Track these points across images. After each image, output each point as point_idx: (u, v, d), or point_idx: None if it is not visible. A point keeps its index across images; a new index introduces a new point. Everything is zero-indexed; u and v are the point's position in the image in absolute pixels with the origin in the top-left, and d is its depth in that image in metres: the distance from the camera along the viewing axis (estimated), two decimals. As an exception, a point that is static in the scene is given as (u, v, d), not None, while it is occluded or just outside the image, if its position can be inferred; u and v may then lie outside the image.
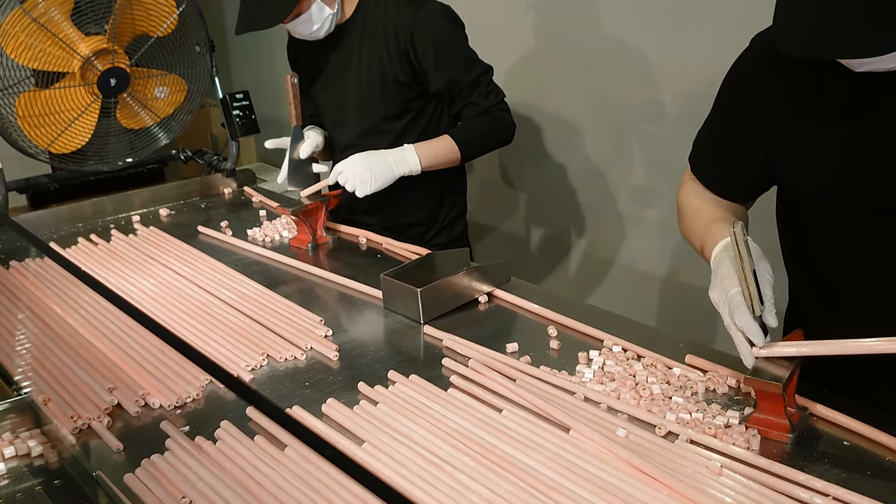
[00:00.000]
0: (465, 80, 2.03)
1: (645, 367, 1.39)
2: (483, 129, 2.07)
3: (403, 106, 2.07)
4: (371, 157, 1.94)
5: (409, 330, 1.62)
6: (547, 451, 1.18)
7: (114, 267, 1.98)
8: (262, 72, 4.34)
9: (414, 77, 2.04)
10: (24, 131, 2.33)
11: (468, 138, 2.05)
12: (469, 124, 2.08)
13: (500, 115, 2.08)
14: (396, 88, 2.04)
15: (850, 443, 1.18)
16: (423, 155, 1.98)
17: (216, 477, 1.18)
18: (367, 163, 1.92)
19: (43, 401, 1.37)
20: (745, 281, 1.18)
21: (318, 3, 1.96)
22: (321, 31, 2.02)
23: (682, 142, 2.55)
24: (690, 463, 1.15)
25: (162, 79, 2.50)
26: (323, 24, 2.00)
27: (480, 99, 2.05)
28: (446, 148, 2.01)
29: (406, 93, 2.05)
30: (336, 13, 2.01)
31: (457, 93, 2.05)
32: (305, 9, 1.94)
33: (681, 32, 2.37)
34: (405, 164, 1.96)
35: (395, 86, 2.04)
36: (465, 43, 2.06)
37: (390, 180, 1.95)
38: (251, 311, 1.70)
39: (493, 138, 2.10)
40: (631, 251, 2.74)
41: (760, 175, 1.37)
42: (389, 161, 1.95)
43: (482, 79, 2.05)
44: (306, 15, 1.95)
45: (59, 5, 2.25)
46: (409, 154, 1.97)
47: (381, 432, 1.26)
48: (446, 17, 2.03)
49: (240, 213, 2.40)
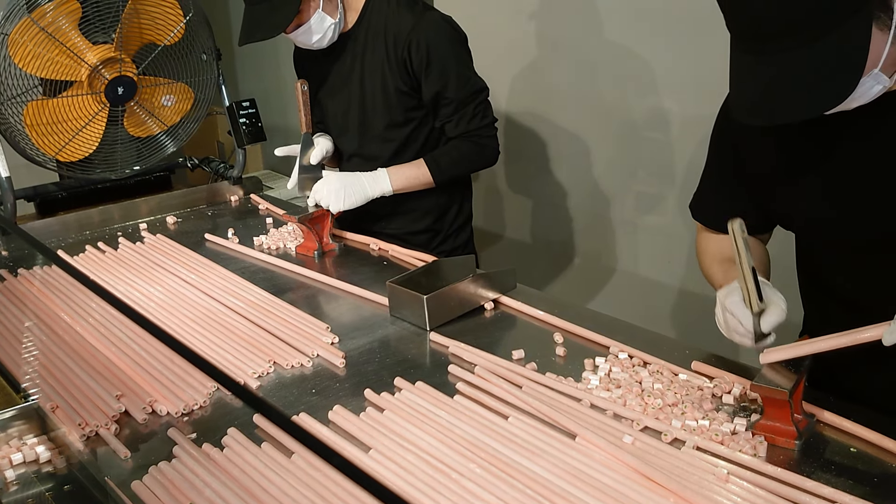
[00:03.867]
0: (453, 96, 2.01)
1: (651, 373, 1.39)
2: (459, 155, 2.08)
3: (405, 115, 2.07)
4: (347, 177, 2.03)
5: (415, 337, 1.62)
6: (553, 458, 1.18)
7: (121, 274, 1.99)
8: (268, 80, 4.36)
9: (412, 86, 2.04)
10: (32, 140, 2.34)
11: (442, 165, 2.07)
12: (446, 149, 2.09)
13: (481, 140, 2.06)
14: (398, 97, 2.05)
15: (858, 449, 1.18)
16: (394, 178, 2.05)
17: (223, 484, 1.18)
18: (343, 181, 2.02)
19: (51, 408, 1.38)
20: (744, 276, 1.18)
21: (319, 13, 1.97)
22: (323, 40, 2.03)
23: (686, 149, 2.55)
24: (697, 470, 1.15)
25: (169, 87, 2.51)
26: (325, 34, 2.01)
27: (465, 120, 2.04)
28: (418, 172, 2.06)
29: (407, 101, 2.06)
30: (338, 23, 2.02)
31: (442, 107, 2.04)
32: (306, 19, 1.96)
33: (685, 39, 2.37)
34: (377, 186, 2.04)
35: (397, 94, 2.04)
36: (461, 58, 2.04)
37: (363, 200, 2.04)
38: (258, 318, 1.71)
39: (468, 165, 2.12)
40: (636, 258, 2.74)
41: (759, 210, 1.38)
42: (363, 182, 2.03)
43: (471, 99, 2.03)
44: (307, 25, 1.97)
45: (66, 14, 2.26)
46: (382, 177, 2.05)
47: (387, 439, 1.26)
48: (444, 28, 2.01)
49: (246, 220, 2.41)
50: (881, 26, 1.00)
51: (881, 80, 1.04)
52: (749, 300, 1.18)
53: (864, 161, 1.18)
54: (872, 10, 0.98)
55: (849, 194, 1.21)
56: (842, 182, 1.21)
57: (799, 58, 1.00)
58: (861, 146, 1.18)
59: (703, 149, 1.46)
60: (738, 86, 1.09)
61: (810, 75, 1.01)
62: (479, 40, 2.13)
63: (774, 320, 1.19)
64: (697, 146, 2.33)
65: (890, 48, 1.02)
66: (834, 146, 1.20)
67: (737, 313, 1.21)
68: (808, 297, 1.44)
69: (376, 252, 2.08)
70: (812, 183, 1.24)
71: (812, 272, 1.40)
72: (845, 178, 1.20)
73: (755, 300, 1.17)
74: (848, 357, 1.16)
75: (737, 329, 1.22)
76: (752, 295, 1.17)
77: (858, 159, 1.19)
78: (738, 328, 1.22)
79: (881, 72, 1.03)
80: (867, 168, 1.18)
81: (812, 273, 1.40)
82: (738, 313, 1.21)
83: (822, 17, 0.98)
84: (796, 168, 1.25)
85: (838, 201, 1.22)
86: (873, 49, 1.00)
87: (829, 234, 1.28)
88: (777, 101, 1.04)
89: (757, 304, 1.18)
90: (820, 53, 0.99)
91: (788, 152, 1.25)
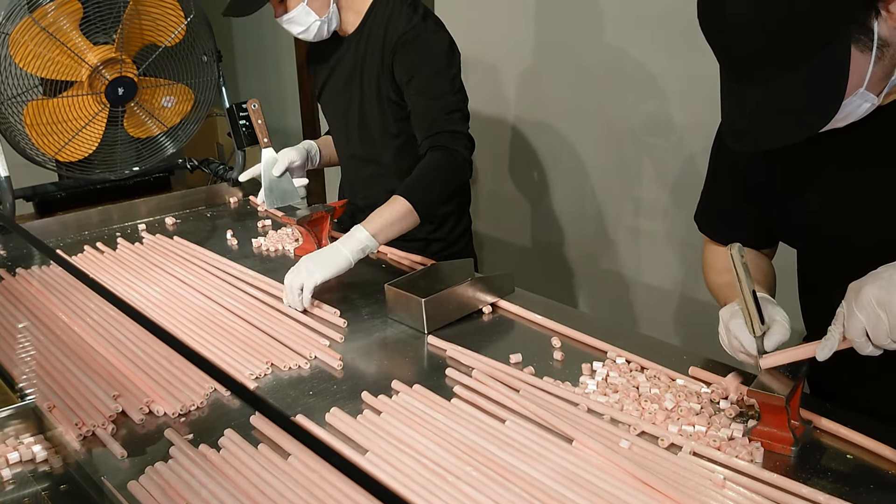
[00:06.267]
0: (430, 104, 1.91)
1: (648, 378, 1.39)
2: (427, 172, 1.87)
3: (397, 126, 2.05)
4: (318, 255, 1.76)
5: (412, 340, 1.62)
6: (550, 462, 1.18)
7: (119, 275, 1.99)
8: (268, 82, 4.36)
9: (401, 96, 1.99)
10: (32, 139, 2.34)
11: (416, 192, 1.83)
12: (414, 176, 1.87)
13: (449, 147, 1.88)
14: (390, 107, 2.02)
15: (854, 456, 1.18)
16: (376, 232, 1.78)
17: (219, 485, 1.18)
18: (314, 261, 1.75)
19: (48, 407, 1.38)
20: (745, 301, 1.19)
21: (304, 6, 1.95)
22: (309, 34, 2.01)
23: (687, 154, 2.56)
24: (694, 475, 1.15)
25: (169, 88, 2.51)
26: (309, 29, 1.99)
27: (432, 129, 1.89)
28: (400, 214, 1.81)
29: (398, 112, 2.03)
30: (325, 21, 1.99)
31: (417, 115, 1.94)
32: (291, 7, 1.96)
33: (685, 45, 2.38)
34: (359, 246, 1.76)
35: (389, 104, 2.02)
36: (444, 70, 1.94)
37: (345, 267, 1.75)
38: (255, 319, 1.71)
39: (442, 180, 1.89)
40: (635, 263, 2.74)
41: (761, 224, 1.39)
42: (341, 250, 1.75)
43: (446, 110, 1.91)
44: (292, 14, 1.96)
45: (68, 15, 2.27)
46: (361, 235, 1.77)
47: (384, 442, 1.26)
48: (430, 38, 1.95)
49: (245, 222, 2.41)
50: (862, 48, 1.02)
51: (869, 99, 1.07)
52: (751, 324, 1.20)
53: (859, 175, 1.20)
54: (851, 34, 1.01)
55: (845, 208, 1.22)
56: (838, 197, 1.22)
57: (781, 85, 1.03)
58: (856, 161, 1.19)
59: (703, 155, 1.47)
60: (726, 113, 1.12)
61: (793, 101, 1.03)
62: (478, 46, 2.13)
63: (777, 340, 1.21)
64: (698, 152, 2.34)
65: (874, 68, 1.04)
66: (830, 161, 1.21)
67: (740, 336, 1.23)
68: (808, 312, 1.45)
69: (374, 255, 2.08)
70: (811, 199, 1.25)
71: (811, 287, 1.42)
72: (842, 192, 1.22)
73: (757, 324, 1.19)
74: (845, 364, 1.16)
75: (740, 349, 1.24)
76: (755, 319, 1.19)
77: (853, 174, 1.20)
78: (741, 349, 1.24)
79: (867, 90, 1.05)
80: (862, 182, 1.19)
81: (812, 288, 1.42)
82: (741, 336, 1.23)
83: (800, 46, 1.01)
84: (794, 183, 1.27)
85: (835, 215, 1.23)
86: (856, 70, 1.02)
87: (827, 247, 1.29)
88: (762, 127, 1.07)
89: (759, 327, 1.19)
90: (801, 80, 1.02)
91: (786, 167, 1.27)
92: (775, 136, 1.07)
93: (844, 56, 1.01)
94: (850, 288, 1.11)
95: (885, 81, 1.07)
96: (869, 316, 1.07)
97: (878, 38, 1.02)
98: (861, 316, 1.08)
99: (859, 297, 1.08)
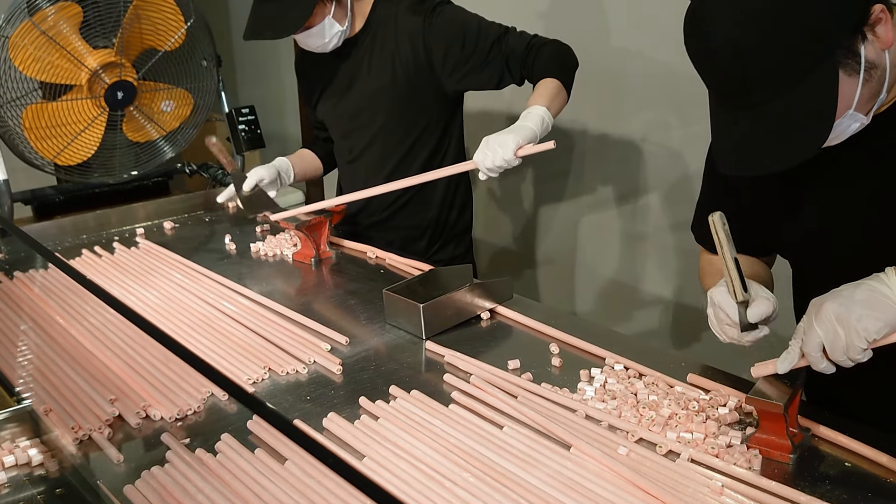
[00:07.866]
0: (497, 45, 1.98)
1: (647, 385, 1.39)
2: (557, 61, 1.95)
3: (412, 119, 2.09)
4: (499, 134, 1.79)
5: (410, 345, 1.62)
6: (547, 469, 1.18)
7: (116, 279, 1.99)
8: (268, 87, 4.37)
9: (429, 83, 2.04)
10: (31, 143, 2.34)
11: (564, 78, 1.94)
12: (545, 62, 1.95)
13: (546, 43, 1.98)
14: (406, 100, 2.07)
15: (852, 464, 1.18)
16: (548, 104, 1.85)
17: (216, 489, 1.17)
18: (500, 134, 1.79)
19: (44, 411, 1.37)
20: (727, 268, 1.19)
21: (330, 19, 1.99)
22: (329, 45, 2.05)
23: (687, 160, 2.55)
24: (691, 482, 1.14)
25: (168, 92, 2.52)
26: (331, 39, 2.03)
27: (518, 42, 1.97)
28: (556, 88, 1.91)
29: (413, 106, 2.07)
30: (345, 30, 2.05)
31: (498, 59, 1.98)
32: (317, 23, 1.98)
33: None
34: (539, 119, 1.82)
35: (404, 97, 2.06)
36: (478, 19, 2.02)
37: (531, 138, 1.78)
38: (253, 324, 1.71)
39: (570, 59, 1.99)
40: (634, 270, 2.74)
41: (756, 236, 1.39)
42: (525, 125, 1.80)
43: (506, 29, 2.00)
44: (317, 28, 1.99)
45: (68, 19, 2.27)
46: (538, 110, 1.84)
47: (381, 447, 1.26)
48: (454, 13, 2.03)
49: (243, 226, 2.41)
50: (850, 72, 1.03)
51: (858, 119, 1.07)
52: (733, 289, 1.19)
53: (852, 189, 1.20)
54: (838, 59, 1.02)
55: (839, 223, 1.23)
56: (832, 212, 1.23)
57: (769, 111, 1.03)
58: (849, 175, 1.20)
59: (702, 162, 1.47)
60: (716, 139, 1.12)
61: (782, 128, 1.04)
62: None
63: (761, 311, 1.20)
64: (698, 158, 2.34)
65: (862, 90, 1.05)
66: (823, 177, 1.22)
67: (722, 304, 1.22)
68: None
69: (373, 260, 2.07)
70: (805, 215, 1.26)
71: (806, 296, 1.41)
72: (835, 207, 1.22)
73: (739, 289, 1.18)
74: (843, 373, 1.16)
75: (725, 320, 1.23)
76: (736, 284, 1.18)
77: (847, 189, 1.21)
78: (725, 319, 1.23)
79: (856, 111, 1.06)
80: (856, 196, 1.20)
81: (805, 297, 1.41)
82: (723, 304, 1.22)
83: (788, 72, 1.01)
84: (787, 198, 1.27)
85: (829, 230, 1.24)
86: (845, 93, 1.03)
87: (820, 261, 1.29)
88: (752, 154, 1.07)
89: (741, 293, 1.19)
90: (790, 106, 1.02)
91: (779, 183, 1.27)
92: (765, 162, 1.07)
93: (833, 80, 1.01)
94: (812, 303, 1.12)
95: (874, 101, 1.08)
96: (827, 332, 1.08)
97: (865, 61, 1.03)
98: (819, 331, 1.08)
99: (819, 312, 1.09)
